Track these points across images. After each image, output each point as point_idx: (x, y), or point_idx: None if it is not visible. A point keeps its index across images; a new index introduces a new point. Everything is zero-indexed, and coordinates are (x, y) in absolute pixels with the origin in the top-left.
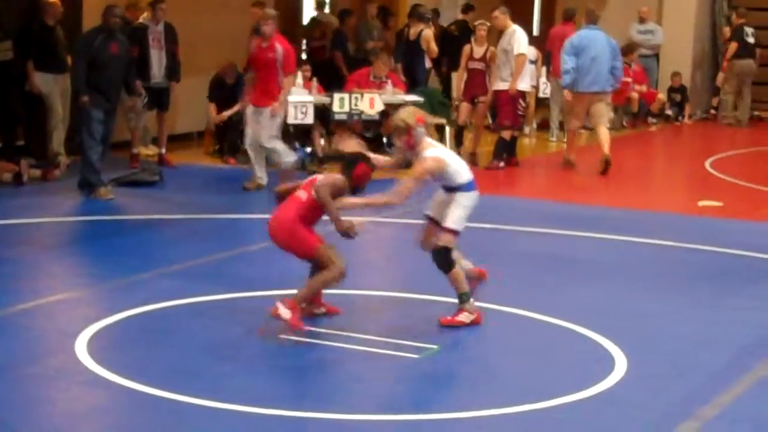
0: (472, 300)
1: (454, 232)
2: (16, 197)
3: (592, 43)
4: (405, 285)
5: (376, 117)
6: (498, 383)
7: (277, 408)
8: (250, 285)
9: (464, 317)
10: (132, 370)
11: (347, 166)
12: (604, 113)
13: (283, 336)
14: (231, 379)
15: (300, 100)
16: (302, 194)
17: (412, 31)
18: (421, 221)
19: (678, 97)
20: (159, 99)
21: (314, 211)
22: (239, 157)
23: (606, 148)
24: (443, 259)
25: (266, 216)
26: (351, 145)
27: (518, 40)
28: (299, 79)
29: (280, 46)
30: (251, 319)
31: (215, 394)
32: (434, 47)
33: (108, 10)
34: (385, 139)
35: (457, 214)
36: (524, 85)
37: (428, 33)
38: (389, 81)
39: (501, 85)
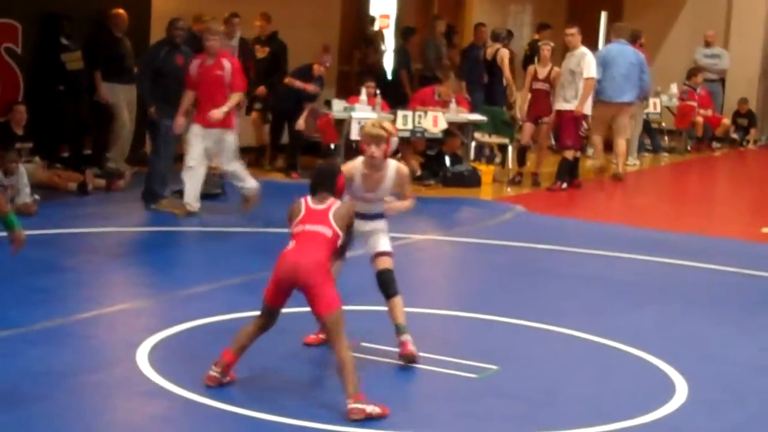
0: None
1: (392, 254)
2: (81, 206)
3: (619, 57)
4: (464, 304)
5: (440, 135)
6: (557, 406)
7: (334, 424)
8: None
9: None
10: (193, 381)
11: (330, 180)
12: (626, 125)
13: None
14: (290, 393)
15: (364, 116)
16: (326, 231)
17: (489, 51)
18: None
19: (744, 122)
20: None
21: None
22: (301, 171)
23: (620, 162)
24: (391, 281)
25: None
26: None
27: (588, 63)
28: (363, 96)
29: (228, 63)
30: (310, 333)
31: (274, 409)
32: (507, 67)
33: (172, 23)
34: (447, 158)
35: (386, 238)
36: (588, 107)
37: (504, 53)
38: (453, 99)
39: (565, 106)
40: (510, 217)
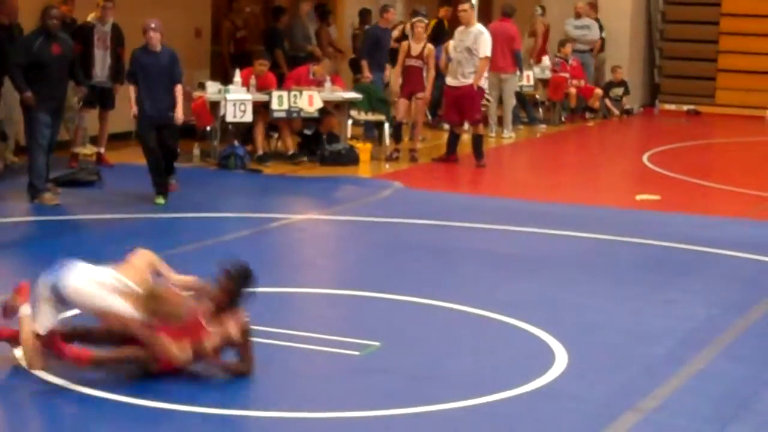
0: None
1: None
2: None
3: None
4: (345, 282)
5: (316, 114)
6: (440, 380)
7: (215, 407)
8: None
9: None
10: (66, 372)
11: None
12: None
13: None
14: (166, 380)
15: (238, 98)
16: None
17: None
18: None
19: (619, 92)
20: (101, 99)
21: None
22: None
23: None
24: None
25: (205, 215)
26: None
27: (485, 42)
28: (237, 77)
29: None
30: None
31: (155, 395)
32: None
33: (45, 11)
34: (324, 137)
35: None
36: (484, 82)
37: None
38: (329, 78)
39: (465, 81)
40: (389, 194)
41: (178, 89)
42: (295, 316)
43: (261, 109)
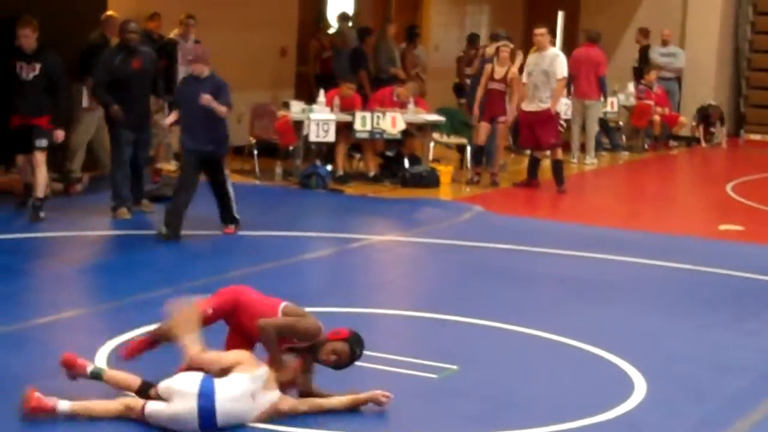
0: None
1: None
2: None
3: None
4: (423, 304)
5: (398, 136)
6: (517, 405)
7: (294, 426)
8: None
9: None
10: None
11: None
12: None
13: None
14: None
15: (322, 117)
16: None
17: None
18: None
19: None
20: None
21: None
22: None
23: None
24: None
25: (286, 233)
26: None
27: (561, 63)
28: (321, 97)
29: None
30: None
31: None
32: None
33: (123, 26)
34: (406, 159)
35: None
36: (562, 106)
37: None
38: (412, 100)
39: (542, 106)
40: (469, 217)
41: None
42: (373, 337)
43: (344, 129)
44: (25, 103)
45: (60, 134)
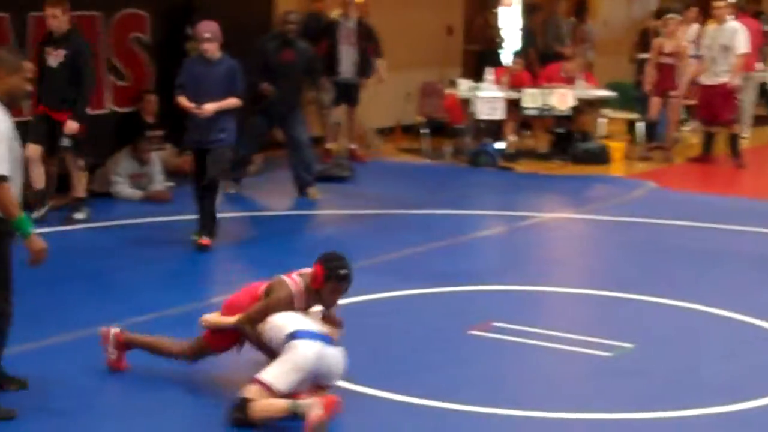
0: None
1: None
2: None
3: None
4: (596, 282)
5: (568, 113)
6: (693, 383)
7: (466, 404)
8: (442, 279)
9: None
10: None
11: None
12: None
13: (472, 332)
14: (427, 374)
15: (490, 95)
16: None
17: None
18: None
19: None
20: (347, 95)
21: None
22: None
23: None
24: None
25: (457, 212)
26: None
27: (742, 38)
28: (489, 75)
29: None
30: (442, 315)
31: (412, 390)
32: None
33: (284, 16)
34: (577, 135)
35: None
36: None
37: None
38: (581, 76)
39: (718, 80)
40: (642, 194)
41: (232, 100)
42: (546, 315)
43: (512, 107)
44: (48, 94)
45: (74, 126)
